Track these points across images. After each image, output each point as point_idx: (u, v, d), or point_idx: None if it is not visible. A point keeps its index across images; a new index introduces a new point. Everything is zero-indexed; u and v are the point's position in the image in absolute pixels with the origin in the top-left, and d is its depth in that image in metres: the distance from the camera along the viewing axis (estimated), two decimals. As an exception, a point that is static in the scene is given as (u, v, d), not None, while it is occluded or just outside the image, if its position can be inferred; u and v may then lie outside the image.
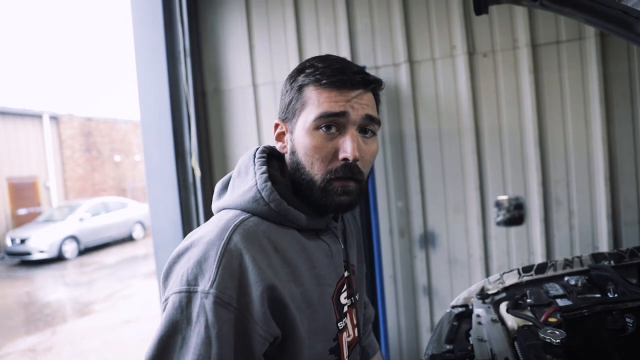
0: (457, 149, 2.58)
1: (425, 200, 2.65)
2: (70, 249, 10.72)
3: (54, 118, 14.76)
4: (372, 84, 0.83)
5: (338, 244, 0.93)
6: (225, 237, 0.75)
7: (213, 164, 2.94)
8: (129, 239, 12.66)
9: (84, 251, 11.23)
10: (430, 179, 2.63)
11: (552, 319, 1.07)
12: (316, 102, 0.80)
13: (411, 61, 2.62)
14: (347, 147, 0.79)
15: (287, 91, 0.85)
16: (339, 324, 0.88)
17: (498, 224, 2.55)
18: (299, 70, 0.85)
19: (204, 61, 2.94)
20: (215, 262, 0.72)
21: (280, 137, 0.89)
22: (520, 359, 0.92)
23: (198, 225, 2.77)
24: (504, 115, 2.51)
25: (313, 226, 0.86)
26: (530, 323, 1.07)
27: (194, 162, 2.76)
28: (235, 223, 0.78)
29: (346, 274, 0.95)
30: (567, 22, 2.38)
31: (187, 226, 2.75)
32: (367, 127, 0.83)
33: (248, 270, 0.72)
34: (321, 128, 0.80)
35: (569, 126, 2.43)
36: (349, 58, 2.64)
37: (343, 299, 0.92)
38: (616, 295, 1.17)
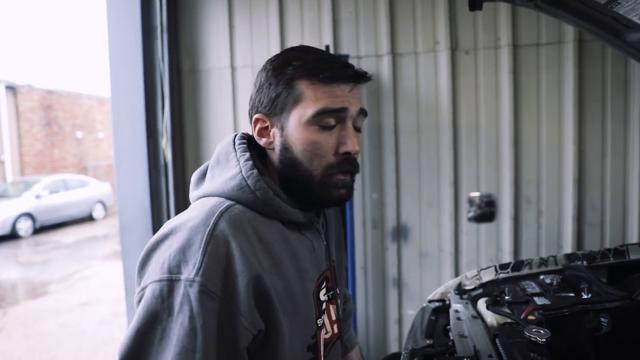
0: (434, 144, 2.59)
1: (400, 194, 2.66)
2: (24, 227, 10.26)
3: (11, 88, 13.99)
4: (363, 78, 0.82)
5: (320, 239, 0.92)
6: (211, 223, 0.71)
7: (186, 145, 2.86)
8: (89, 218, 12.24)
9: (40, 230, 10.76)
10: (406, 173, 2.64)
11: (531, 317, 1.08)
12: (313, 97, 0.78)
13: (394, 53, 2.60)
14: (349, 141, 0.80)
15: (270, 84, 0.81)
16: (317, 321, 0.86)
17: (469, 219, 2.59)
18: (283, 63, 0.81)
19: (181, 39, 2.84)
20: (201, 249, 0.68)
21: (262, 132, 0.84)
22: (503, 356, 0.92)
23: (168, 207, 2.68)
24: (482, 113, 2.54)
25: (297, 219, 0.84)
26: (511, 320, 1.08)
27: (164, 143, 2.67)
28: (221, 209, 0.74)
29: (327, 269, 0.94)
30: (548, 25, 2.42)
31: (156, 208, 2.66)
32: (358, 121, 0.85)
33: (235, 258, 0.69)
34: (320, 124, 0.79)
35: (543, 127, 2.49)
36: (331, 46, 2.61)
37: (322, 295, 0.90)
38: (590, 294, 1.20)
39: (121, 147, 2.66)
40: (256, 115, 0.84)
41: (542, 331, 0.89)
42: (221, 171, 0.83)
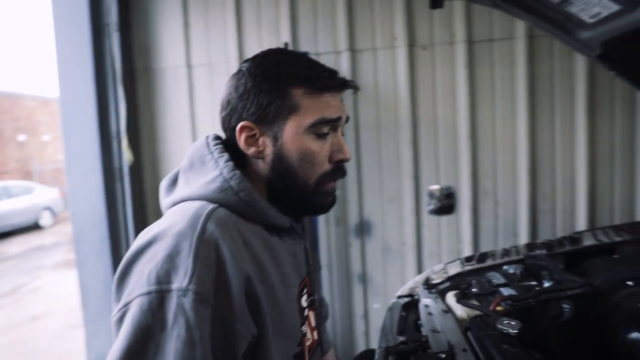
0: (394, 140, 2.62)
1: (362, 190, 2.68)
2: (-36, 238, 9.62)
3: (-56, 90, 13.05)
4: (351, 87, 0.83)
5: (301, 244, 0.91)
6: (199, 226, 0.67)
7: (142, 148, 2.75)
8: (36, 226, 11.60)
9: (-19, 241, 10.13)
10: (368, 169, 2.66)
11: (499, 308, 1.11)
12: (311, 107, 0.77)
13: (353, 50, 2.61)
14: (344, 149, 0.82)
15: (259, 91, 0.77)
16: (302, 328, 0.84)
17: (430, 212, 2.64)
18: (273, 69, 0.78)
19: (134, 37, 2.72)
20: (191, 255, 0.64)
21: (249, 141, 0.80)
22: (477, 350, 0.94)
23: (124, 212, 2.58)
24: (440, 107, 2.59)
25: (279, 223, 0.82)
26: (480, 313, 1.10)
27: (125, 146, 2.55)
28: (207, 211, 0.71)
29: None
30: (500, 21, 2.50)
31: (112, 214, 2.55)
32: (343, 127, 0.86)
33: (226, 261, 0.66)
34: (316, 133, 0.78)
35: (498, 121, 2.57)
36: (290, 43, 2.59)
37: (304, 301, 0.88)
38: (551, 282, 1.25)
39: (72, 151, 2.53)
40: (242, 123, 0.79)
41: (513, 322, 0.91)
42: (197, 175, 0.79)
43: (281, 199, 0.81)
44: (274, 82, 0.77)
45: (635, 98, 2.55)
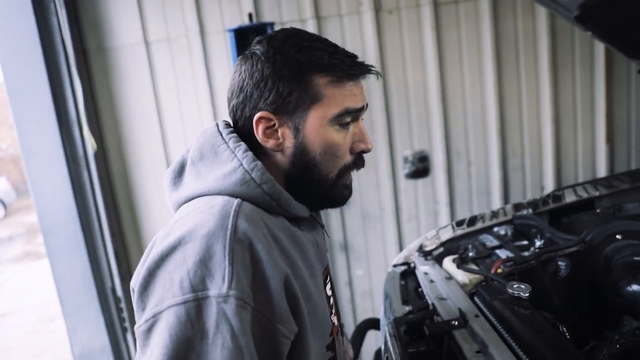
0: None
1: (338, 159, 2.67)
2: None
3: None
4: (372, 74, 0.78)
5: (321, 233, 0.88)
6: (230, 225, 0.63)
7: (104, 132, 2.60)
8: (-14, 219, 11.00)
9: None
10: (342, 138, 2.65)
11: (499, 271, 1.16)
12: (335, 96, 0.73)
13: (318, 17, 2.54)
14: (366, 138, 0.80)
15: (279, 78, 0.72)
16: (332, 318, 0.83)
17: (406, 176, 2.69)
18: (293, 55, 0.72)
19: (82, 14, 2.52)
20: (227, 257, 0.60)
21: (269, 132, 0.75)
22: (488, 315, 0.98)
23: (95, 201, 2.46)
24: (409, 71, 2.59)
25: (301, 213, 0.79)
26: (483, 277, 1.14)
27: (86, 132, 2.41)
28: (234, 208, 0.66)
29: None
30: (464, -19, 2.49)
31: (82, 205, 2.42)
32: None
33: (263, 261, 0.63)
34: (340, 123, 0.75)
35: (467, 82, 2.60)
36: (253, 13, 2.48)
37: (328, 289, 0.86)
38: (542, 240, 1.31)
39: (29, 142, 2.36)
40: (260, 113, 0.74)
41: (523, 286, 0.95)
42: (210, 166, 0.74)
43: (300, 192, 0.78)
44: (296, 70, 0.72)
45: (593, 53, 2.64)
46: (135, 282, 0.65)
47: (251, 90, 0.74)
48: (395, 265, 1.51)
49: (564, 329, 0.85)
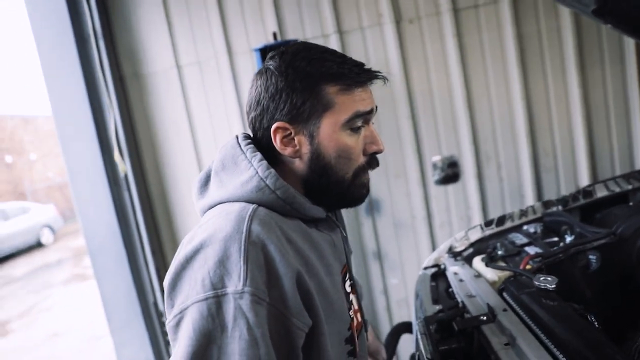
0: (393, 115, 2.64)
1: (367, 169, 2.70)
2: (-34, 267, 9.56)
3: None
4: (380, 79, 0.84)
5: (338, 232, 0.93)
6: (244, 229, 0.69)
7: (142, 154, 2.74)
8: (37, 245, 11.55)
9: (-16, 267, 10.06)
10: (370, 148, 2.68)
11: (528, 267, 1.15)
12: (345, 102, 0.79)
13: (340, 32, 2.61)
14: (377, 140, 0.84)
15: (293, 90, 0.78)
16: (350, 313, 0.87)
17: (436, 183, 2.69)
18: (304, 67, 0.78)
19: (118, 43, 2.69)
20: (242, 258, 0.66)
21: (285, 141, 0.81)
22: (516, 308, 0.98)
23: (136, 221, 2.59)
24: (434, 79, 2.61)
25: (317, 215, 0.84)
26: (512, 274, 1.14)
27: (117, 157, 2.55)
28: (249, 213, 0.72)
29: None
30: (483, -14, 2.51)
31: (125, 225, 2.56)
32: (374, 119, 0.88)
33: (275, 261, 0.68)
34: (351, 127, 0.80)
35: (492, 85, 2.60)
36: (277, 32, 2.58)
37: (347, 286, 0.91)
38: (573, 236, 1.30)
39: (74, 167, 2.52)
40: (277, 124, 0.80)
41: (549, 278, 0.96)
42: (231, 176, 0.81)
43: (319, 195, 0.84)
44: (307, 81, 0.78)
45: (623, 48, 2.58)
46: (165, 283, 0.72)
47: (267, 103, 0.80)
48: (425, 268, 1.52)
49: (593, 318, 0.85)
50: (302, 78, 0.78)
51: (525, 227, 1.44)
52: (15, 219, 11.16)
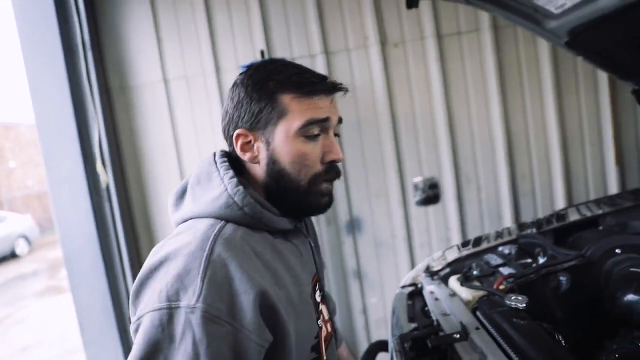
0: (376, 136, 2.69)
1: (349, 188, 2.74)
2: None
3: None
4: (341, 90, 0.88)
5: (306, 243, 0.95)
6: (208, 248, 0.72)
7: (125, 166, 2.73)
8: (12, 256, 11.23)
9: (-45, 277, 9.74)
10: (352, 167, 2.72)
11: (502, 287, 1.18)
12: (299, 110, 0.81)
13: (327, 52, 2.66)
14: (335, 150, 0.85)
15: (251, 99, 0.83)
16: (319, 322, 0.90)
17: (417, 204, 2.73)
18: (265, 78, 0.83)
19: (106, 55, 2.70)
20: (200, 275, 0.69)
21: (246, 147, 0.86)
22: (488, 327, 1.01)
23: (116, 232, 2.56)
24: (417, 101, 2.68)
25: (284, 227, 0.87)
26: (485, 293, 1.17)
27: (99, 168, 2.54)
28: (214, 232, 0.76)
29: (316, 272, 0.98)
30: (466, 15, 2.60)
31: (104, 236, 2.53)
32: (338, 129, 0.90)
33: (235, 280, 0.71)
34: (306, 135, 0.83)
35: (473, 109, 2.67)
36: (265, 50, 2.62)
37: (317, 297, 0.94)
38: (546, 258, 1.33)
39: (56, 176, 2.49)
40: (238, 131, 0.85)
41: (520, 298, 0.99)
42: (204, 191, 0.84)
43: (279, 201, 0.86)
44: (264, 90, 0.82)
45: (597, 77, 2.70)
46: (132, 289, 0.75)
47: (232, 112, 0.86)
48: (403, 287, 1.54)
49: (560, 337, 0.87)
50: (260, 87, 0.83)
51: (500, 249, 1.48)
52: (-10, 228, 10.88)
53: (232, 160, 0.89)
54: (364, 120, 2.69)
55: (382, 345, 1.48)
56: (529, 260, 1.38)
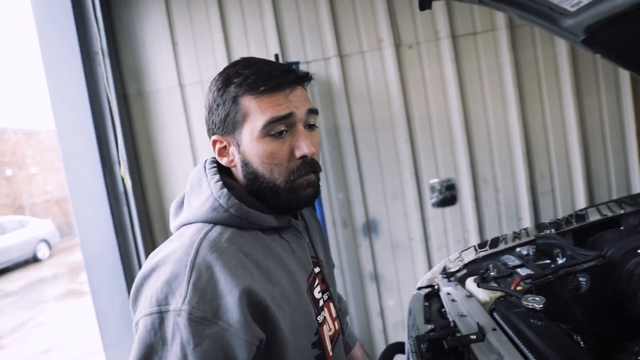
0: (391, 138, 2.68)
1: (365, 190, 2.73)
2: (-39, 280, 9.49)
3: None
4: (305, 80, 0.86)
5: (301, 239, 0.94)
6: (192, 252, 0.74)
7: (142, 171, 2.78)
8: (33, 260, 11.49)
9: (-21, 280, 9.99)
10: (368, 169, 2.72)
11: (519, 288, 1.17)
12: (259, 110, 0.81)
13: (341, 55, 2.67)
14: (302, 144, 0.82)
15: (218, 105, 0.84)
16: (318, 318, 0.89)
17: (433, 205, 2.71)
18: (225, 82, 0.83)
19: (123, 62, 2.75)
20: (185, 279, 0.71)
21: (223, 152, 0.87)
22: (505, 328, 1.00)
23: (134, 236, 2.60)
24: (432, 102, 2.66)
25: (275, 224, 0.87)
26: (502, 293, 1.16)
27: (123, 171, 2.58)
28: (200, 237, 0.77)
29: (317, 269, 0.97)
30: (481, 14, 2.58)
31: (122, 240, 2.57)
32: (310, 120, 0.87)
33: (220, 281, 0.72)
34: (271, 133, 0.81)
35: (490, 110, 2.65)
36: (279, 54, 2.64)
37: (317, 293, 0.93)
38: (565, 258, 1.31)
39: (75, 181, 2.54)
40: (213, 137, 0.87)
41: (537, 298, 0.97)
42: (195, 197, 0.86)
43: (262, 200, 0.86)
44: (227, 94, 0.82)
45: (618, 75, 2.65)
46: (130, 295, 0.78)
47: (207, 117, 0.88)
48: (420, 288, 1.52)
49: (579, 338, 0.86)
50: (223, 92, 0.83)
51: (518, 250, 1.46)
52: (13, 232, 11.13)
53: (222, 165, 0.90)
54: (379, 121, 2.69)
55: (398, 347, 1.47)
56: (547, 261, 1.35)
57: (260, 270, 0.78)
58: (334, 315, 1.00)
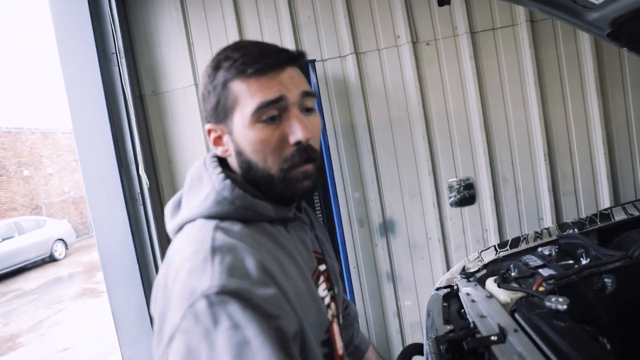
0: (409, 136, 2.65)
1: (382, 189, 2.70)
2: (-21, 279, 9.68)
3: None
4: (298, 59, 0.78)
5: (305, 231, 0.89)
6: (209, 239, 0.68)
7: (158, 170, 2.79)
8: (50, 259, 11.69)
9: (-3, 280, 10.20)
10: (385, 168, 2.68)
11: (541, 288, 1.13)
12: (248, 95, 0.74)
13: (357, 53, 2.64)
14: (296, 129, 0.75)
15: (209, 92, 0.78)
16: (328, 316, 0.84)
17: (451, 205, 2.66)
18: (215, 67, 0.78)
19: (139, 62, 2.77)
20: (210, 263, 0.64)
21: (217, 141, 0.81)
22: (527, 329, 0.96)
23: (150, 235, 2.61)
24: (450, 100, 2.62)
25: (282, 215, 0.82)
26: (523, 294, 1.12)
27: (141, 170, 2.59)
28: (212, 226, 0.71)
29: (322, 267, 0.92)
30: (500, 9, 2.53)
31: (139, 239, 2.58)
32: (306, 103, 0.79)
33: (245, 259, 0.66)
34: (263, 119, 0.75)
35: (509, 107, 2.59)
36: (295, 52, 2.62)
37: (322, 291, 0.87)
38: (589, 259, 1.26)
39: (92, 181, 2.56)
40: (207, 126, 0.82)
41: (561, 299, 0.93)
42: (196, 194, 0.79)
43: (257, 189, 0.80)
44: (217, 81, 0.77)
45: (645, 71, 2.56)
46: (153, 309, 0.71)
47: (202, 107, 0.82)
48: (438, 288, 1.49)
49: (605, 340, 0.82)
50: (213, 78, 0.78)
51: (539, 249, 1.41)
52: (30, 232, 11.34)
53: (224, 160, 0.84)
54: (396, 119, 2.65)
55: (417, 348, 1.44)
56: (571, 261, 1.31)
57: (276, 262, 0.72)
58: (336, 311, 0.95)
